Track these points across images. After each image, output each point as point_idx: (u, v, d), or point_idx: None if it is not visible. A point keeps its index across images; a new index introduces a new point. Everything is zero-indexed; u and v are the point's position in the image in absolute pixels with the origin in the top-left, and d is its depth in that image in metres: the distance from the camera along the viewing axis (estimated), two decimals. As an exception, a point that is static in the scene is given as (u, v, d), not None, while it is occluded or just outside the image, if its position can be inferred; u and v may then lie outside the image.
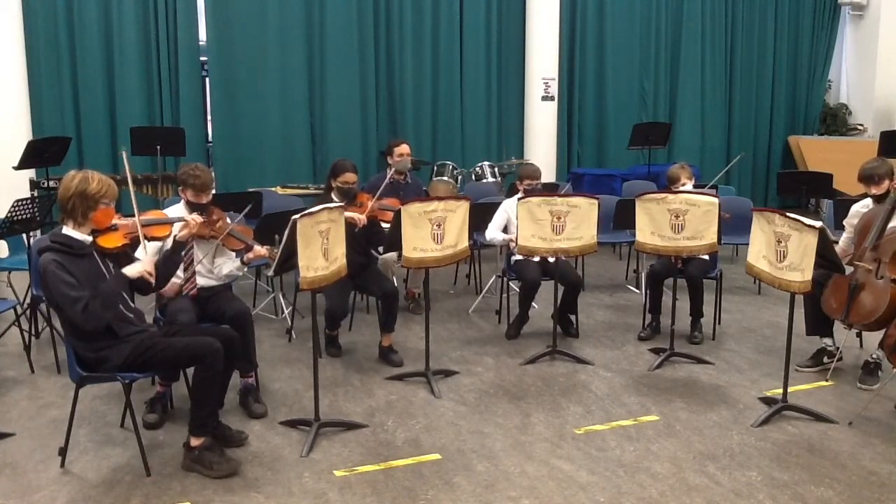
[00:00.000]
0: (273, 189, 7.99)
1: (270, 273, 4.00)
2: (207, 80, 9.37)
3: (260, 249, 4.34)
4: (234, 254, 4.50)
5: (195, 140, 8.75)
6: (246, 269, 4.75)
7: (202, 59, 9.19)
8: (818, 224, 3.95)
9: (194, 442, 3.64)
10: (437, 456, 3.85)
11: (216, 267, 4.48)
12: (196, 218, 4.09)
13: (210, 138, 9.55)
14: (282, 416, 4.26)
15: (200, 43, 9.08)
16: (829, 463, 3.80)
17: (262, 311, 6.20)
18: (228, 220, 4.40)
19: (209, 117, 9.54)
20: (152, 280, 3.64)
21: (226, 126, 9.19)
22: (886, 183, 4.72)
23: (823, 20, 12.12)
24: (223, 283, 4.53)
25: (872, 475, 3.68)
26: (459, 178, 8.66)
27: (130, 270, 3.57)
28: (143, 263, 3.60)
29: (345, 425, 4.16)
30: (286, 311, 5.94)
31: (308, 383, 4.36)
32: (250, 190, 7.20)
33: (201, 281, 4.39)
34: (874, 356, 4.85)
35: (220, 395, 3.91)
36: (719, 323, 5.96)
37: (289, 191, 8.13)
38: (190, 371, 3.80)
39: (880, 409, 4.43)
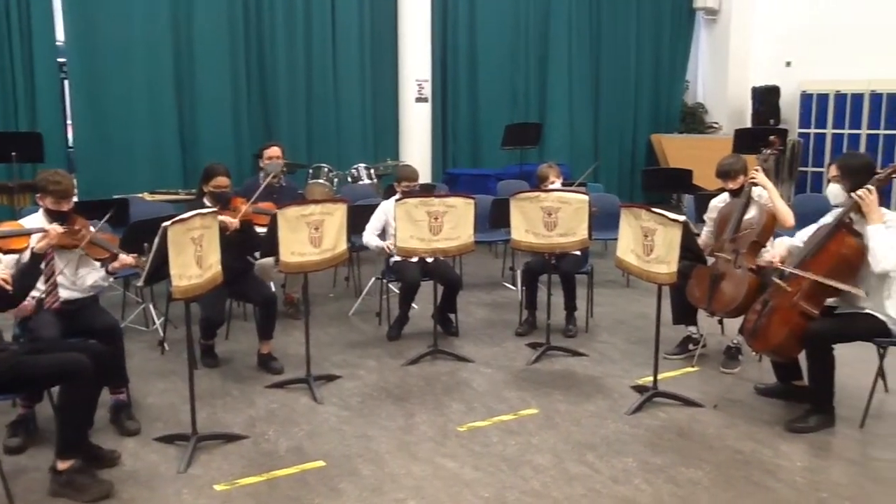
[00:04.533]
0: (140, 195, 7.66)
1: (141, 283, 3.84)
2: (67, 81, 8.87)
3: (126, 258, 4.17)
4: (98, 264, 4.29)
5: (54, 145, 8.25)
6: (113, 280, 4.55)
7: (60, 59, 8.69)
8: (681, 218, 4.16)
9: (62, 465, 3.45)
10: (321, 463, 3.81)
11: (79, 278, 4.24)
12: (56, 228, 3.88)
13: (71, 143, 9.05)
14: (157, 432, 4.10)
15: (58, 42, 8.59)
16: (698, 445, 4.00)
17: (131, 323, 5.93)
18: (92, 229, 4.20)
19: (69, 121, 9.04)
20: (9, 288, 3.42)
21: (89, 130, 8.70)
22: (742, 178, 5.00)
23: (681, 24, 12.71)
24: (89, 296, 4.30)
25: (738, 454, 3.90)
26: (335, 180, 8.58)
27: None
28: None
29: (224, 437, 4.05)
30: (157, 322, 5.72)
31: (184, 396, 4.21)
32: (115, 197, 6.87)
33: (65, 294, 4.16)
34: (735, 341, 5.15)
35: (90, 413, 3.72)
36: (592, 316, 6.17)
37: (158, 197, 7.81)
38: (55, 390, 3.60)
39: (742, 391, 4.70)
